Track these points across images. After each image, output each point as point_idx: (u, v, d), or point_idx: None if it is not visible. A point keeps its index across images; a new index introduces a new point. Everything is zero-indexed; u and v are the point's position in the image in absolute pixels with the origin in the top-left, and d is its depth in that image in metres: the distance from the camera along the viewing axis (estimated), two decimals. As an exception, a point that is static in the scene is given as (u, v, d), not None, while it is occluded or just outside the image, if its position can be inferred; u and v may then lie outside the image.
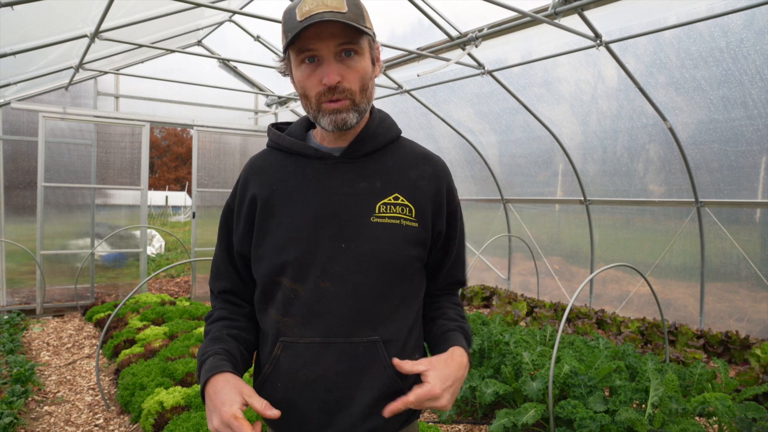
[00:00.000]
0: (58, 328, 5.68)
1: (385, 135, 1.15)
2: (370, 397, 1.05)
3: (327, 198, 1.07)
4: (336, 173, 1.09)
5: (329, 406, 1.05)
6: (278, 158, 1.15)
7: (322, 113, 1.04)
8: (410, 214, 1.09)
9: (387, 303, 1.07)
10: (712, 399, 2.82)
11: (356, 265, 1.05)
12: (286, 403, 1.06)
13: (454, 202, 1.19)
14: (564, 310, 5.74)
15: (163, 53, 7.07)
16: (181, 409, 3.08)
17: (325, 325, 1.04)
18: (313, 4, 0.96)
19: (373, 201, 1.08)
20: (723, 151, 4.82)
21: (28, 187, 6.25)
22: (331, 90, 1.01)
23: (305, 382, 1.05)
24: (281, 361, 1.07)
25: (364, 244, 1.05)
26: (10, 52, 4.18)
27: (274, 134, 1.18)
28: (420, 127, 7.43)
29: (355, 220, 1.06)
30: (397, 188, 1.10)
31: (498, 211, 7.49)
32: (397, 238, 1.07)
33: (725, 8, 3.64)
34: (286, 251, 1.07)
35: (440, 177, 1.16)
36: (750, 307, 5.05)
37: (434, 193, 1.14)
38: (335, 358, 1.04)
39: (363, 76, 1.04)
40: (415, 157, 1.17)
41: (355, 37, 1.00)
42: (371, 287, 1.06)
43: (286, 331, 1.07)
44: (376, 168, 1.11)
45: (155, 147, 35.51)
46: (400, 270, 1.08)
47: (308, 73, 1.02)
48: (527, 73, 5.44)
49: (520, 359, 3.30)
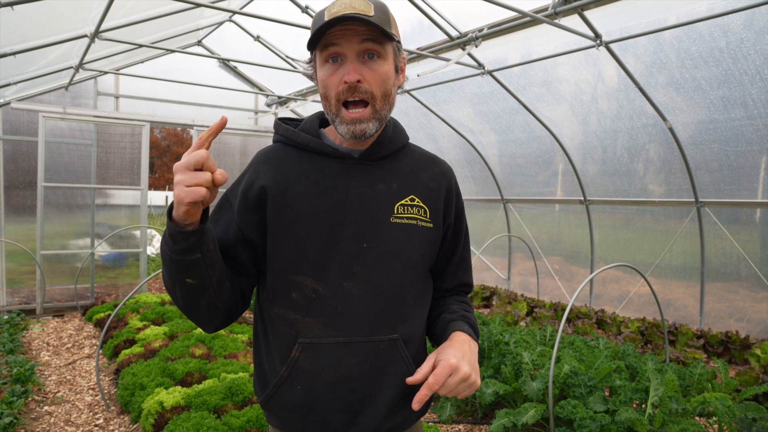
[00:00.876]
0: (58, 328, 5.68)
1: (399, 140, 1.17)
2: (393, 395, 1.06)
3: (347, 197, 1.08)
4: (355, 173, 1.10)
5: (353, 406, 1.04)
6: (292, 154, 1.14)
7: (341, 120, 1.04)
8: (425, 215, 1.13)
9: (405, 302, 1.09)
10: (712, 399, 2.82)
11: (378, 265, 1.06)
12: (306, 405, 1.05)
13: (460, 202, 1.23)
14: (564, 310, 5.74)
15: (163, 53, 7.07)
16: (181, 409, 3.08)
17: (348, 324, 1.04)
18: (341, 6, 0.98)
19: (391, 202, 1.10)
20: (723, 151, 4.82)
21: (28, 187, 6.25)
22: (351, 88, 1.01)
23: (329, 383, 1.04)
24: (300, 363, 1.04)
25: (384, 244, 1.07)
26: (10, 52, 4.18)
27: (286, 129, 1.16)
28: (420, 127, 7.42)
29: (376, 220, 1.08)
30: (412, 190, 1.13)
31: (498, 211, 7.49)
32: (414, 238, 1.10)
33: (725, 8, 3.64)
34: (306, 248, 1.05)
35: (448, 177, 1.20)
36: (750, 307, 5.05)
37: (445, 193, 1.17)
38: (359, 358, 1.04)
39: (385, 81, 1.04)
40: (424, 160, 1.20)
41: (379, 39, 1.01)
42: (392, 287, 1.07)
43: (306, 332, 1.05)
44: (392, 171, 1.13)
45: (155, 147, 35.50)
46: (417, 269, 1.11)
47: (330, 71, 1.03)
48: (527, 73, 5.44)
49: (520, 359, 3.30)
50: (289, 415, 1.08)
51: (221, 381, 3.47)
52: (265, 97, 8.35)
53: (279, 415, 1.10)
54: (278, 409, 1.09)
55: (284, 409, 1.08)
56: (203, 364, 3.83)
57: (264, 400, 1.11)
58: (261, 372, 1.14)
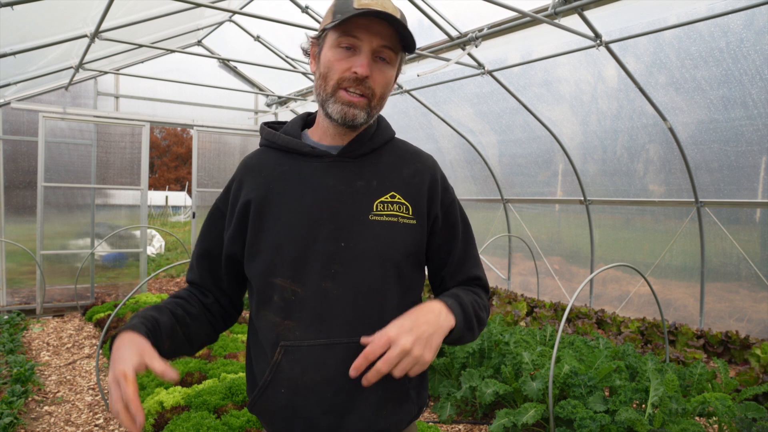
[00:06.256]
0: (58, 328, 5.68)
1: (382, 136, 1.16)
2: (378, 396, 1.04)
3: (324, 196, 1.07)
4: (333, 171, 1.09)
5: (338, 408, 1.03)
6: (273, 157, 1.14)
7: (336, 99, 1.04)
8: (407, 211, 1.10)
9: (387, 301, 1.07)
10: (712, 399, 2.82)
11: (356, 264, 1.04)
12: (290, 408, 1.04)
13: (448, 196, 1.19)
14: (564, 310, 5.74)
15: (163, 53, 7.07)
16: (181, 409, 3.08)
17: (329, 326, 1.03)
18: (373, 1, 0.99)
19: (370, 199, 1.08)
20: (723, 151, 4.82)
21: (28, 187, 6.25)
22: (358, 81, 1.02)
23: (311, 386, 1.02)
24: (283, 366, 1.04)
25: (363, 242, 1.05)
26: (10, 52, 4.18)
27: (267, 132, 1.17)
28: (420, 127, 7.42)
29: (354, 218, 1.06)
30: (393, 187, 1.11)
31: (498, 211, 7.49)
32: (395, 236, 1.07)
33: (725, 8, 3.64)
34: (283, 250, 1.05)
35: (432, 171, 1.17)
36: (750, 307, 5.05)
37: (428, 187, 1.14)
38: (340, 359, 1.02)
39: (386, 85, 1.07)
40: (407, 156, 1.18)
41: (396, 47, 1.04)
42: (372, 285, 1.05)
43: (287, 335, 1.04)
44: (372, 167, 1.12)
45: (155, 147, 35.50)
46: (400, 267, 1.08)
47: (341, 56, 1.03)
48: (527, 73, 5.44)
49: (520, 359, 3.30)
50: (275, 418, 1.07)
51: (221, 381, 3.47)
52: (265, 97, 8.35)
53: (266, 419, 1.10)
54: (264, 412, 1.09)
55: (270, 413, 1.07)
56: (203, 364, 3.83)
57: (251, 404, 1.10)
58: (251, 375, 1.14)
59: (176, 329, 1.06)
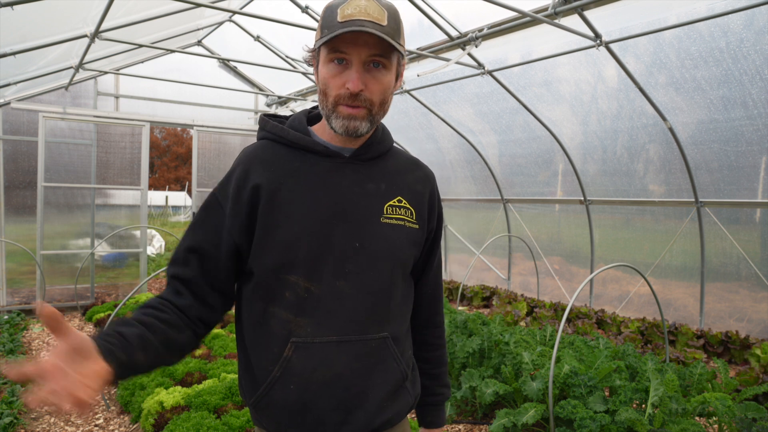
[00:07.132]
0: (58, 328, 5.68)
1: (386, 142, 1.20)
2: (384, 391, 1.09)
3: (339, 196, 1.08)
4: (346, 172, 1.10)
5: (346, 404, 1.05)
6: (281, 151, 1.12)
7: (337, 115, 1.05)
8: (412, 216, 1.15)
9: (393, 301, 1.12)
10: (712, 399, 2.82)
11: (370, 264, 1.08)
12: (300, 404, 1.05)
13: (441, 208, 1.28)
14: (564, 310, 5.74)
15: (163, 53, 7.07)
16: (181, 409, 3.08)
17: (341, 324, 1.05)
18: (356, 10, 0.98)
19: (381, 202, 1.11)
20: (723, 151, 4.82)
21: (28, 187, 6.25)
22: (353, 96, 1.02)
23: (322, 382, 1.04)
24: (293, 362, 1.04)
25: (375, 243, 1.08)
26: (10, 52, 4.18)
27: (274, 126, 1.14)
28: (420, 127, 7.42)
29: (367, 219, 1.09)
30: (399, 191, 1.15)
31: (498, 211, 7.49)
32: (402, 238, 1.12)
33: (725, 8, 3.64)
34: (298, 247, 1.05)
35: (431, 182, 1.24)
36: (750, 307, 5.05)
37: (428, 196, 1.20)
38: (351, 356, 1.05)
39: (385, 90, 1.06)
40: (408, 163, 1.23)
41: (387, 52, 1.02)
42: (382, 286, 1.09)
43: (299, 332, 1.05)
44: (381, 171, 1.15)
45: (155, 147, 35.50)
46: (404, 269, 1.15)
47: (334, 72, 1.03)
48: (527, 73, 5.44)
49: (520, 359, 3.30)
50: (283, 414, 1.07)
51: (221, 381, 3.47)
52: (265, 97, 8.35)
53: (271, 416, 1.09)
54: (270, 409, 1.08)
55: (277, 409, 1.07)
56: (203, 364, 3.83)
57: (255, 401, 1.09)
58: (249, 372, 1.12)
59: (148, 339, 0.95)
